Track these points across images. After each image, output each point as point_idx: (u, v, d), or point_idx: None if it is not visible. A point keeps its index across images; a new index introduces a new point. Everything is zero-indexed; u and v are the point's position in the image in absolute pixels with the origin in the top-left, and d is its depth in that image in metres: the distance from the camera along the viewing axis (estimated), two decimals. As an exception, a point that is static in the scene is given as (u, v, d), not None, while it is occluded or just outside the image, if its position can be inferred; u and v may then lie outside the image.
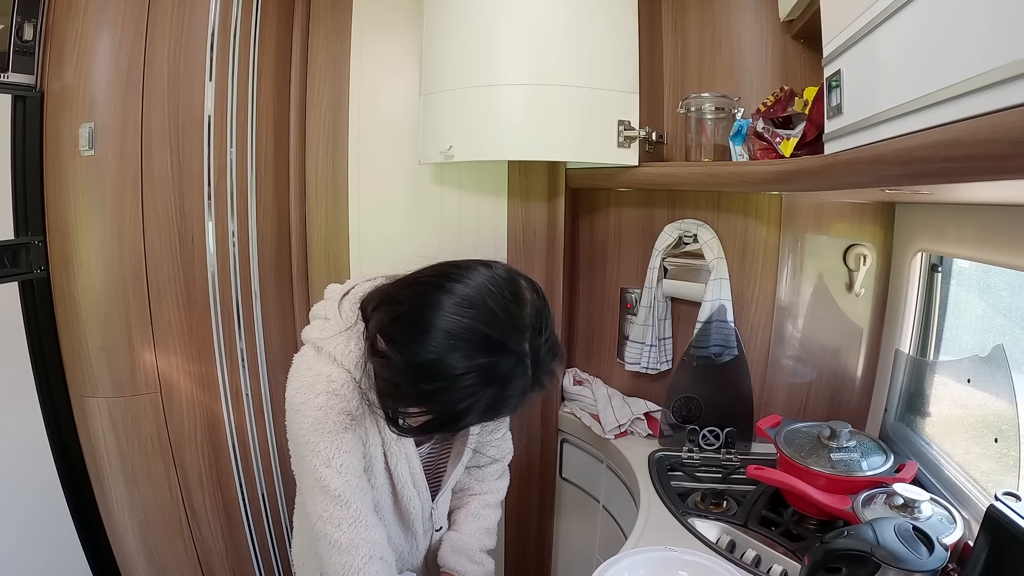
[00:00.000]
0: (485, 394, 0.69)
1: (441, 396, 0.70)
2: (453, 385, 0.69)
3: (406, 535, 0.95)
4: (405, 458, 0.88)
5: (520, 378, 0.71)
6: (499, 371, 0.70)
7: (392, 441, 0.85)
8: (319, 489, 0.79)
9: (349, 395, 0.78)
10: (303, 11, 1.57)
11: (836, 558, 0.80)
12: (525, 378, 0.72)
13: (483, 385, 0.69)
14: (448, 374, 0.68)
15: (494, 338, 0.70)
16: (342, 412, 0.78)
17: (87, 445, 1.28)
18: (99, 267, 1.22)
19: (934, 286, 1.22)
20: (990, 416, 1.02)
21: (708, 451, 1.38)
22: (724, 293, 1.39)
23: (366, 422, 0.82)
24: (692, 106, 1.37)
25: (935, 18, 0.59)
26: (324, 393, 0.78)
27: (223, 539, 1.46)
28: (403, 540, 0.95)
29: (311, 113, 1.61)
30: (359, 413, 0.80)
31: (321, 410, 0.77)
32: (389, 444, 0.85)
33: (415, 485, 0.90)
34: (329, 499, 0.79)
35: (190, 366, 1.37)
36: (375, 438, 0.84)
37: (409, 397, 0.73)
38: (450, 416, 0.71)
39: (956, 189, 0.85)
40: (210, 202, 1.37)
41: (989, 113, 0.49)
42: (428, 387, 0.69)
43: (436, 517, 0.97)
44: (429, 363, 0.69)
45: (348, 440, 0.79)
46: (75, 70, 1.17)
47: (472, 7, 1.32)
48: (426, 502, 0.93)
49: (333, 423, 0.77)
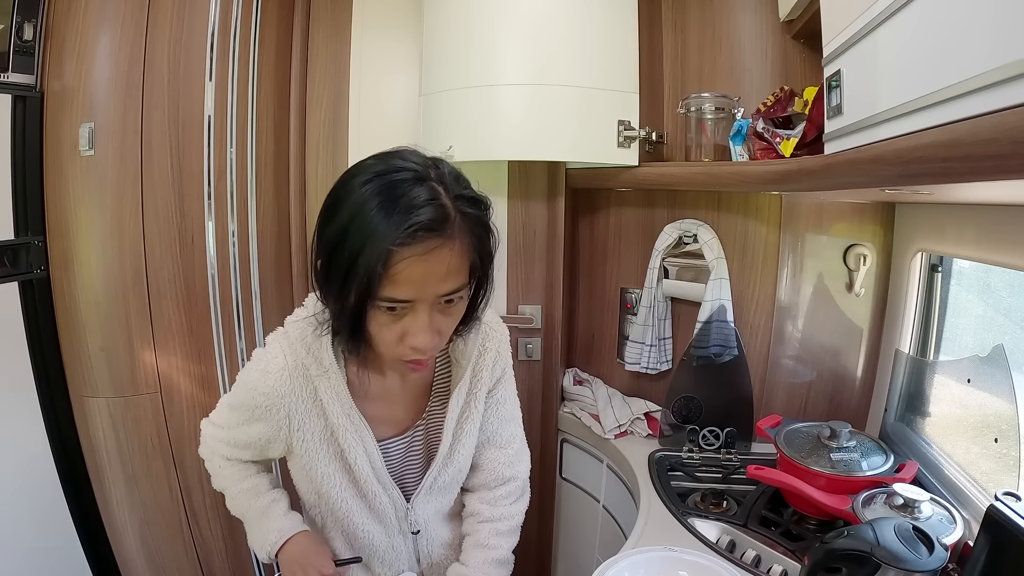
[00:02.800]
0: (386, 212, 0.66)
1: (353, 238, 0.66)
2: (357, 216, 0.66)
3: (381, 531, 0.92)
4: (364, 451, 0.85)
5: (422, 188, 0.67)
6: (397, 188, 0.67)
7: (347, 431, 0.83)
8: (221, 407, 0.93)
9: (281, 380, 0.82)
10: (303, 11, 1.57)
11: (836, 558, 0.80)
12: (430, 189, 0.68)
13: (386, 198, 0.66)
14: (351, 211, 0.67)
15: (390, 165, 0.70)
16: (263, 395, 0.82)
17: (87, 445, 1.28)
18: (99, 267, 1.22)
19: (934, 286, 1.22)
20: (990, 416, 1.02)
21: (708, 451, 1.38)
22: (724, 293, 1.39)
23: (299, 407, 0.83)
24: (692, 106, 1.37)
25: (935, 18, 0.59)
26: (261, 371, 0.82)
27: (223, 539, 1.46)
28: (378, 536, 0.92)
29: (311, 113, 1.61)
30: (289, 400, 0.82)
31: (251, 383, 0.83)
32: (343, 434, 0.83)
33: (379, 480, 0.87)
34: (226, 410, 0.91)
35: (190, 366, 1.37)
36: (315, 423, 0.84)
37: (338, 270, 0.68)
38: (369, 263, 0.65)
39: (956, 189, 0.85)
40: (210, 202, 1.37)
41: (989, 113, 0.49)
42: (346, 243, 0.67)
43: (413, 519, 0.92)
44: (340, 218, 0.68)
45: (261, 415, 0.84)
46: (75, 70, 1.17)
47: (472, 7, 1.32)
48: (397, 500, 0.90)
49: (254, 398, 0.83)
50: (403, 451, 0.91)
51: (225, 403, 0.93)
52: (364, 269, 0.65)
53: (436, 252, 0.67)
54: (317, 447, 0.85)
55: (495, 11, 1.29)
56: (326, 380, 0.82)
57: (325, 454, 0.86)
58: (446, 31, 1.37)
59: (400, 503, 0.91)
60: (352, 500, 0.89)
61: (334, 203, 0.72)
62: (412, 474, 0.93)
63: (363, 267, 0.65)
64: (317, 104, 1.60)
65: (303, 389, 0.82)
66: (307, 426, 0.84)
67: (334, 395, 0.83)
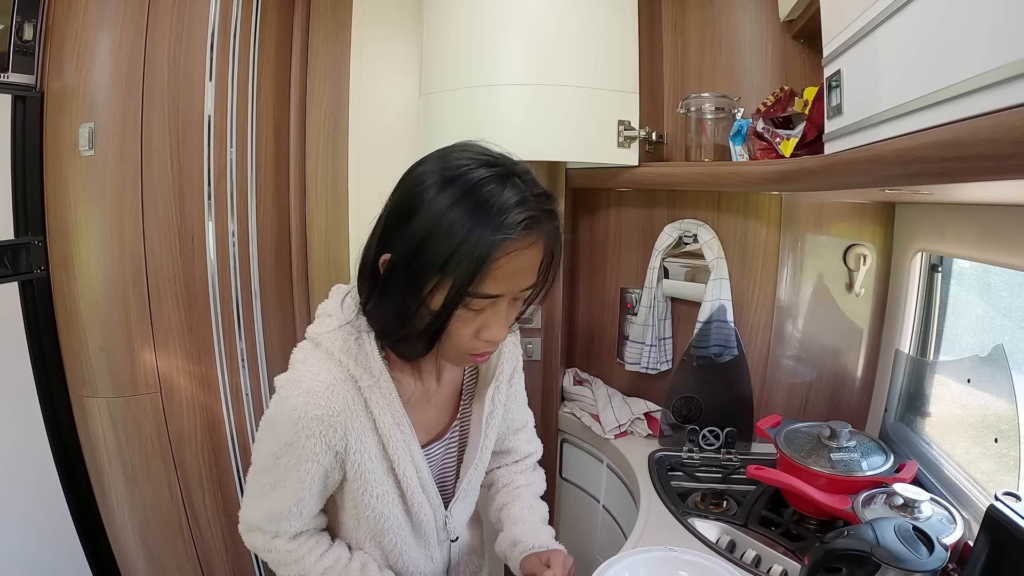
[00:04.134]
0: (481, 212, 0.65)
1: (444, 240, 0.65)
2: (446, 217, 0.65)
3: (419, 545, 0.89)
4: (411, 461, 0.83)
5: (510, 188, 0.67)
6: (485, 187, 0.67)
7: (398, 441, 0.80)
8: (256, 474, 0.81)
9: (331, 399, 0.75)
10: (303, 11, 1.57)
11: (836, 558, 0.80)
12: (516, 188, 0.68)
13: (480, 196, 0.66)
14: (437, 213, 0.66)
15: (466, 162, 0.69)
16: (315, 419, 0.74)
17: (87, 445, 1.28)
18: (99, 267, 1.22)
19: (934, 286, 1.22)
20: (990, 416, 1.02)
21: (708, 451, 1.38)
22: (724, 293, 1.39)
23: (355, 424, 0.77)
24: (692, 106, 1.37)
25: (935, 18, 0.59)
26: (304, 393, 0.74)
27: (223, 539, 1.46)
28: (417, 551, 0.89)
29: (311, 113, 1.61)
30: (345, 416, 0.76)
31: (296, 411, 0.74)
32: (394, 445, 0.80)
33: (424, 490, 0.85)
34: (261, 491, 0.80)
35: (190, 366, 1.37)
36: (370, 439, 0.79)
37: (424, 272, 0.67)
38: (471, 258, 0.65)
39: (956, 189, 0.85)
40: (210, 202, 1.37)
41: (989, 113, 0.49)
42: (434, 244, 0.65)
43: (451, 526, 0.91)
44: (424, 220, 0.66)
45: (314, 446, 0.75)
46: (75, 70, 1.17)
47: (472, 7, 1.32)
48: (438, 509, 0.88)
49: (304, 426, 0.74)
50: (440, 456, 0.90)
51: (261, 467, 0.80)
52: (467, 265, 0.65)
53: (531, 249, 0.70)
54: (373, 465, 0.80)
55: (495, 11, 1.29)
56: (377, 390, 0.78)
57: (380, 471, 0.81)
58: (446, 31, 1.37)
59: (440, 511, 0.88)
60: (400, 517, 0.85)
61: (415, 196, 0.69)
62: (447, 479, 0.91)
63: (464, 263, 0.65)
64: (317, 104, 1.60)
65: (355, 403, 0.77)
66: (363, 444, 0.78)
67: (385, 405, 0.79)
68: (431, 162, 0.72)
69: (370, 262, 0.74)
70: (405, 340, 0.76)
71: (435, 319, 0.70)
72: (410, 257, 0.68)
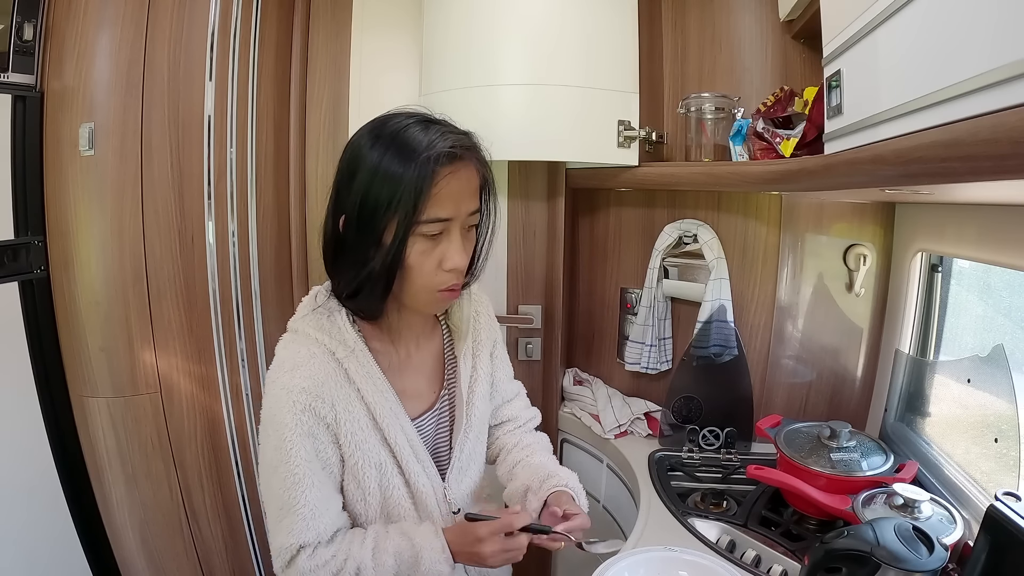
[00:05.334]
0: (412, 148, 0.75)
1: (385, 180, 0.74)
2: (383, 162, 0.75)
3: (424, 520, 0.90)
4: (401, 429, 0.85)
5: (432, 128, 0.78)
6: (410, 130, 0.78)
7: (383, 409, 0.83)
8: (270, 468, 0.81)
9: (314, 369, 0.80)
10: (303, 11, 1.57)
11: (836, 558, 0.80)
12: (438, 126, 0.79)
13: (411, 137, 0.76)
14: (374, 161, 0.76)
15: (395, 118, 0.81)
16: (303, 391, 0.78)
17: (87, 445, 1.28)
18: (99, 267, 1.22)
19: (934, 286, 1.22)
20: (990, 416, 1.02)
21: (708, 451, 1.38)
22: (724, 293, 1.39)
23: (342, 395, 0.81)
24: (692, 106, 1.37)
25: (935, 18, 0.59)
26: (288, 371, 0.80)
27: (223, 539, 1.46)
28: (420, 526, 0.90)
29: (311, 113, 1.61)
30: (329, 387, 0.80)
31: (284, 389, 0.79)
32: (381, 413, 0.83)
33: (418, 459, 0.87)
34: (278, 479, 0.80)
35: (190, 366, 1.37)
36: (357, 408, 0.82)
37: (375, 213, 0.75)
38: (413, 187, 0.74)
39: (956, 189, 0.85)
40: (210, 202, 1.37)
41: (989, 113, 0.49)
42: (378, 186, 0.75)
43: (451, 498, 0.92)
44: (366, 170, 0.76)
45: (307, 420, 0.79)
46: (75, 70, 1.17)
47: (472, 7, 1.32)
48: (435, 480, 0.90)
49: (295, 401, 0.78)
50: (433, 426, 0.93)
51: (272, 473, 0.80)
52: (410, 194, 0.74)
53: (464, 171, 0.79)
54: (366, 435, 0.83)
55: (495, 11, 1.29)
56: (354, 359, 0.83)
57: (373, 440, 0.84)
58: (446, 31, 1.37)
59: (437, 483, 0.90)
60: (401, 488, 0.87)
61: (354, 157, 0.79)
62: (442, 449, 0.94)
63: (408, 193, 0.74)
64: (317, 104, 1.60)
65: (336, 373, 0.81)
66: (352, 413, 0.82)
67: (365, 373, 0.83)
68: (363, 129, 0.82)
69: (330, 231, 0.81)
70: (368, 288, 0.81)
71: (392, 250, 0.76)
72: (359, 205, 0.76)
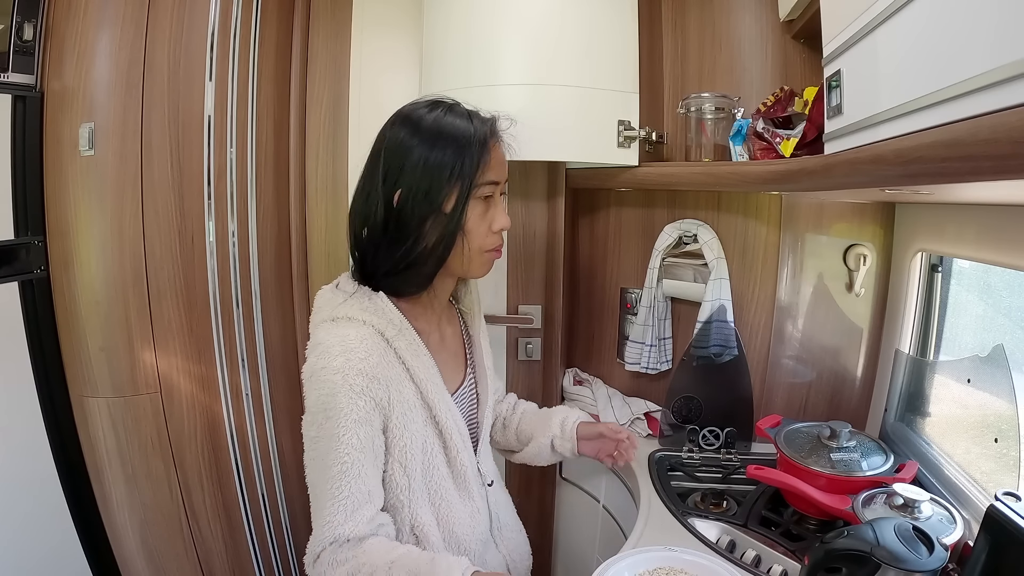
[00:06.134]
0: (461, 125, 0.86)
1: (448, 150, 0.83)
2: (441, 138, 0.84)
3: (463, 498, 0.93)
4: (447, 406, 0.88)
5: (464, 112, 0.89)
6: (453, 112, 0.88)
7: (432, 387, 0.85)
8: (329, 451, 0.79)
9: (369, 350, 0.80)
10: (303, 11, 1.57)
11: (836, 558, 0.80)
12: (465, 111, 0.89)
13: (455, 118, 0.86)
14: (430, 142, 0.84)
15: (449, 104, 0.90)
16: (360, 373, 0.78)
17: (87, 445, 1.28)
18: (99, 267, 1.22)
19: (934, 286, 1.22)
20: (990, 416, 1.02)
21: (708, 451, 1.38)
22: (724, 293, 1.39)
23: (395, 376, 0.82)
24: (692, 106, 1.37)
25: (935, 18, 0.59)
26: (340, 355, 0.79)
27: (223, 539, 1.46)
28: (462, 506, 0.92)
29: (311, 113, 1.61)
30: (383, 368, 0.81)
31: (339, 373, 0.78)
32: (430, 391, 0.85)
33: (461, 434, 0.90)
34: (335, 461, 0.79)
35: (190, 366, 1.37)
36: (408, 388, 0.83)
37: (438, 179, 0.83)
38: (474, 153, 0.84)
39: (956, 189, 0.85)
40: (210, 202, 1.37)
41: (989, 113, 0.49)
42: (440, 156, 0.83)
43: (484, 471, 0.97)
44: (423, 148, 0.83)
45: (364, 406, 0.79)
46: (75, 70, 1.17)
47: (472, 7, 1.32)
48: (470, 454, 0.93)
49: (351, 385, 0.78)
50: (467, 403, 0.97)
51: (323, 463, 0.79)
52: (473, 158, 0.84)
53: (499, 144, 0.91)
54: (414, 415, 0.85)
55: (495, 11, 1.29)
56: (403, 339, 0.84)
57: (419, 420, 0.85)
58: (446, 31, 1.37)
59: (472, 457, 0.94)
60: (442, 468, 0.89)
61: (405, 135, 0.85)
62: (472, 424, 0.98)
63: (471, 157, 0.83)
64: (317, 104, 1.60)
65: (387, 353, 0.83)
66: (403, 395, 0.83)
67: (413, 352, 0.85)
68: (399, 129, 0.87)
69: (379, 211, 0.84)
70: (423, 260, 0.85)
71: (456, 215, 0.84)
72: (422, 176, 0.82)
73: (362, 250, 0.88)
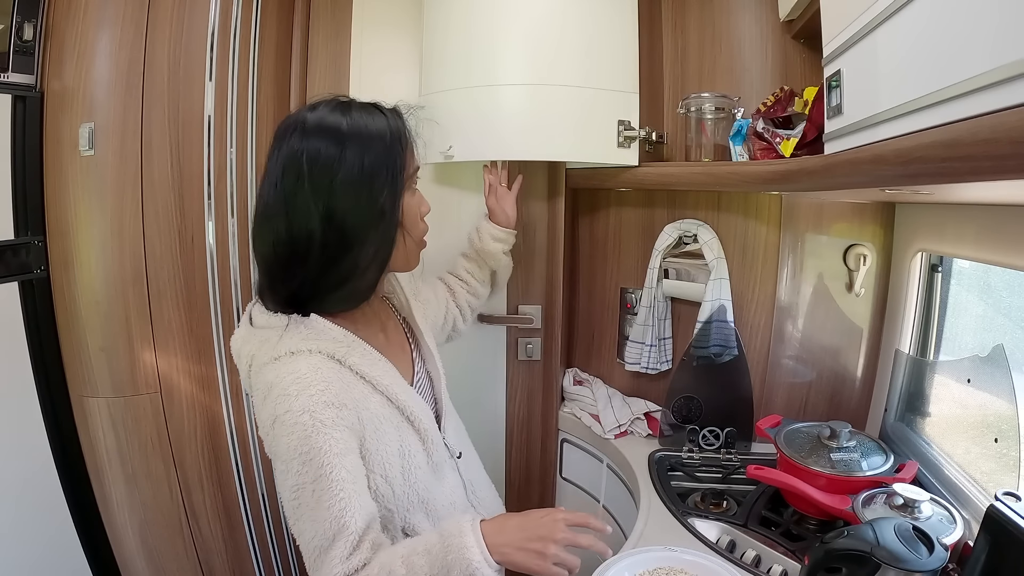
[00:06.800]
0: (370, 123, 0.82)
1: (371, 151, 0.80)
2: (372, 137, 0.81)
3: (439, 480, 0.92)
4: (412, 399, 0.87)
5: (367, 107, 0.85)
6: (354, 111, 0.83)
7: (396, 387, 0.84)
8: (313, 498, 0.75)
9: (327, 379, 0.76)
10: (303, 11, 1.57)
11: (836, 558, 0.80)
12: (369, 105, 0.86)
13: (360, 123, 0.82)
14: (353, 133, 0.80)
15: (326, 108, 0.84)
16: (326, 405, 0.74)
17: (87, 445, 1.28)
18: (99, 267, 1.22)
19: (934, 286, 1.22)
20: (990, 416, 1.02)
21: (708, 451, 1.38)
22: (724, 293, 1.39)
23: (357, 395, 0.79)
24: (692, 106, 1.37)
25: (935, 18, 0.59)
26: (300, 394, 0.74)
27: (223, 539, 1.46)
28: (440, 487, 0.91)
29: (311, 113, 1.60)
30: (345, 391, 0.77)
31: (305, 413, 0.73)
32: (395, 392, 0.84)
33: (428, 420, 0.90)
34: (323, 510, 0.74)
35: (190, 366, 1.37)
36: (374, 401, 0.81)
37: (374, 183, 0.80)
38: (395, 148, 0.82)
39: (956, 189, 0.85)
40: (210, 202, 1.37)
41: (989, 113, 0.49)
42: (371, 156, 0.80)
43: (450, 444, 0.97)
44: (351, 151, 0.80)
45: (340, 437, 0.75)
46: (75, 70, 1.17)
47: (472, 7, 1.32)
48: (437, 435, 0.92)
49: (322, 421, 0.74)
50: (425, 386, 0.98)
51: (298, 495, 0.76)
52: (398, 152, 0.82)
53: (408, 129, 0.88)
54: (386, 427, 0.82)
55: (495, 11, 1.29)
56: (355, 353, 0.82)
57: (392, 425, 0.83)
58: (446, 31, 1.37)
59: (439, 435, 0.93)
60: (422, 460, 0.88)
61: (328, 168, 0.79)
62: (433, 403, 0.99)
63: (397, 151, 0.82)
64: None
65: (343, 375, 0.80)
66: (372, 411, 0.81)
67: (369, 362, 0.83)
68: (316, 141, 0.80)
69: (306, 235, 0.78)
70: (364, 268, 0.82)
71: (394, 215, 0.82)
72: (357, 184, 0.79)
73: (291, 278, 0.80)
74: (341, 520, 0.74)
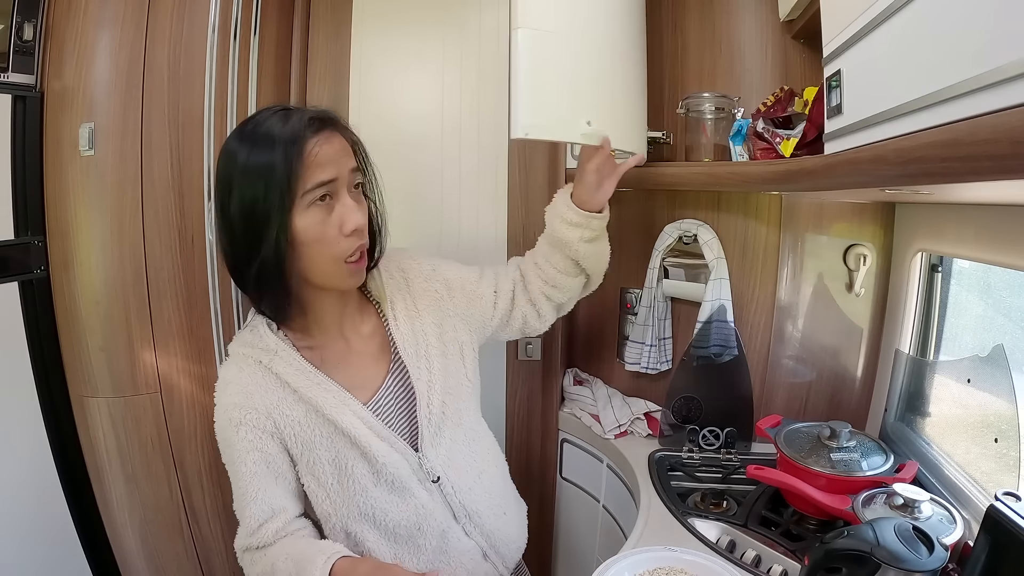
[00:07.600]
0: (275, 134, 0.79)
1: (260, 169, 0.77)
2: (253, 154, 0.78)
3: (400, 499, 0.89)
4: (352, 413, 0.86)
5: (289, 114, 0.80)
6: (269, 119, 0.81)
7: (328, 401, 0.85)
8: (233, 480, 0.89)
9: (245, 382, 0.85)
10: (303, 11, 1.57)
11: (836, 558, 0.80)
12: (294, 111, 0.81)
13: (273, 125, 0.79)
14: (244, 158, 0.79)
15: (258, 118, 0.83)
16: (236, 407, 0.84)
17: (87, 445, 1.28)
18: (99, 267, 1.22)
19: (934, 286, 1.22)
20: (990, 416, 1.02)
21: (708, 451, 1.38)
22: (724, 293, 1.39)
23: (276, 400, 0.84)
24: (692, 106, 1.37)
25: (935, 18, 0.59)
26: (222, 392, 0.87)
27: (223, 539, 1.46)
28: (398, 506, 0.89)
29: (311, 113, 1.61)
30: (260, 395, 0.84)
31: (223, 409, 0.86)
32: (326, 405, 0.85)
33: (383, 438, 0.87)
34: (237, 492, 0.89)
35: (190, 366, 1.37)
36: (296, 410, 0.85)
37: (259, 193, 0.77)
38: (285, 163, 0.77)
39: (956, 189, 0.85)
40: (210, 202, 1.37)
41: (989, 113, 0.49)
42: (254, 176, 0.78)
43: (428, 467, 0.91)
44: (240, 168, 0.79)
45: (247, 435, 0.85)
46: (75, 70, 1.17)
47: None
48: (406, 452, 0.89)
49: (231, 419, 0.84)
50: (392, 405, 0.92)
51: (233, 479, 0.91)
52: (283, 170, 0.76)
53: (332, 138, 0.81)
54: (313, 434, 0.85)
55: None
56: (279, 360, 0.85)
57: (323, 436, 0.85)
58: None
59: (410, 454, 0.91)
60: (367, 477, 0.87)
61: (225, 163, 0.81)
62: (413, 423, 0.93)
63: (281, 170, 0.76)
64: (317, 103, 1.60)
65: (264, 380, 0.85)
66: (291, 417, 0.85)
67: (295, 371, 0.85)
68: (230, 136, 0.84)
69: (226, 245, 0.83)
70: (268, 286, 0.82)
71: (276, 235, 0.77)
72: (241, 203, 0.78)
73: (230, 268, 0.86)
74: (243, 506, 0.87)
